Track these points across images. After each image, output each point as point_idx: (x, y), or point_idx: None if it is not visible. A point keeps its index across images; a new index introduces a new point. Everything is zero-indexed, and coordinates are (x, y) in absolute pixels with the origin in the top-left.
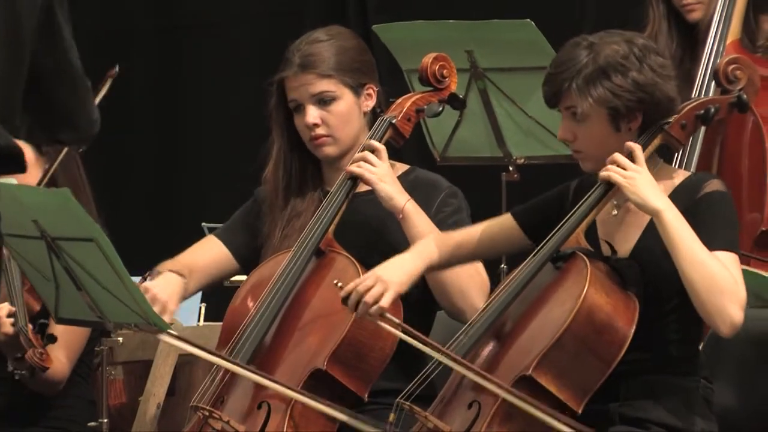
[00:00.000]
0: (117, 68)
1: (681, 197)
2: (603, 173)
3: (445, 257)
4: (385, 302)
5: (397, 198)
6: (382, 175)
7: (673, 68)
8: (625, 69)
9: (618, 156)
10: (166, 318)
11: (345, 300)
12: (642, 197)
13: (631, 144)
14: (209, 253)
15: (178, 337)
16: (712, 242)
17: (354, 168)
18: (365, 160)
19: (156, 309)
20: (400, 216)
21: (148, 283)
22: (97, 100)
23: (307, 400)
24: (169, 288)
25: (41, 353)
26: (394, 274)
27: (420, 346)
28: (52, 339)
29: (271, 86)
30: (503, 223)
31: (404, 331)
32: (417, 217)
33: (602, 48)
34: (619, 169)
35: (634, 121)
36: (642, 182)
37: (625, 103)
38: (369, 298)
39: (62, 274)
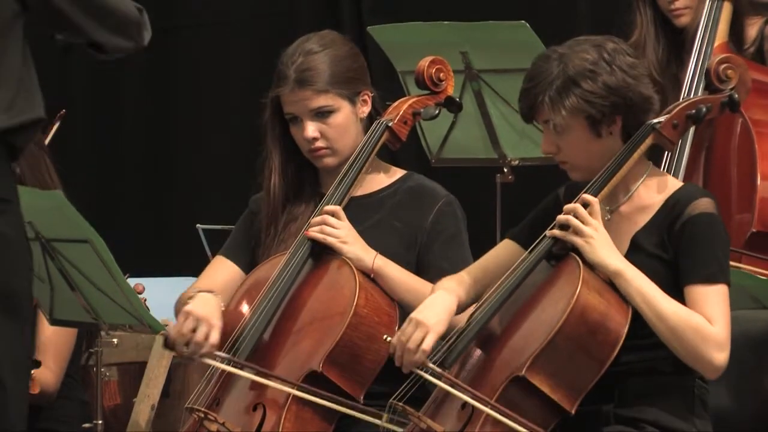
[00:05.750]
0: (64, 111)
1: (667, 212)
2: (561, 217)
3: (467, 299)
4: (427, 345)
5: (365, 258)
6: (345, 237)
7: (645, 66)
8: (594, 74)
9: (578, 208)
10: (215, 336)
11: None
12: (600, 259)
13: (587, 197)
14: (223, 274)
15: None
16: (694, 274)
17: (316, 234)
18: (326, 224)
19: (203, 330)
20: (372, 274)
21: (188, 307)
22: (47, 140)
23: (307, 396)
24: (209, 306)
25: None
26: (431, 315)
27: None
28: (36, 364)
29: (265, 100)
30: (505, 249)
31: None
32: (389, 270)
33: (571, 58)
34: (577, 224)
35: (613, 125)
36: (600, 243)
37: (600, 108)
38: (411, 344)
39: (57, 275)
